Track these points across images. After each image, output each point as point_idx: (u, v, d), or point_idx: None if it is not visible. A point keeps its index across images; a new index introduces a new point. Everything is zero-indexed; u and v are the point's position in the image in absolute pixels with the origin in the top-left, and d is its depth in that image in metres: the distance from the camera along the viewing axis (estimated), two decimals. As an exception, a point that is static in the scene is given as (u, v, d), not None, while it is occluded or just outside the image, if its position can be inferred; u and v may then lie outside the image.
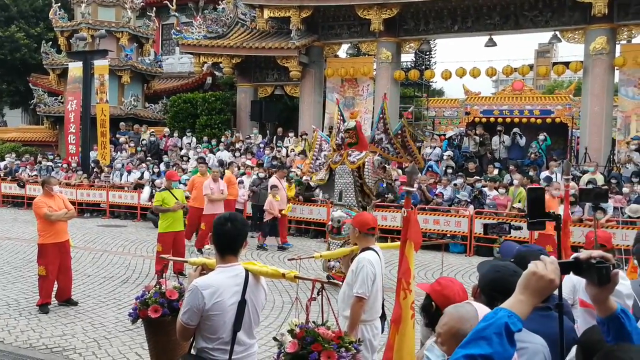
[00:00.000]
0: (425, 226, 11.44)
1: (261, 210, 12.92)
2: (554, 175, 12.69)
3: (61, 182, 15.96)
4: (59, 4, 22.97)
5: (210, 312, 2.73)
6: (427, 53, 28.86)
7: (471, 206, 12.02)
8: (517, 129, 15.73)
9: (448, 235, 11.93)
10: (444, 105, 26.82)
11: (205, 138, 18.93)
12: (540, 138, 15.21)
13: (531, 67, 22.72)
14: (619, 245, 7.68)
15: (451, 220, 11.96)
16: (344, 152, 8.29)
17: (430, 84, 28.16)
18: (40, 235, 6.99)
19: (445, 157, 14.72)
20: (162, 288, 3.85)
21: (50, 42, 23.79)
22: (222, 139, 18.26)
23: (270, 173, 13.77)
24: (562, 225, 2.30)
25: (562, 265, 1.64)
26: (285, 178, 12.53)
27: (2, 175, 19.24)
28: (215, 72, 23.10)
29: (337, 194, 8.36)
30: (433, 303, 2.60)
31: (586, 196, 4.90)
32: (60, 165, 18.73)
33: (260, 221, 12.98)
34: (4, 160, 20.55)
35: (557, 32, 16.03)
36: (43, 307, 6.83)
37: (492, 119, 18.82)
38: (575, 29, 15.58)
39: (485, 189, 12.52)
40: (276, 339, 3.11)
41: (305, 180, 13.55)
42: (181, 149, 18.40)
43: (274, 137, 18.47)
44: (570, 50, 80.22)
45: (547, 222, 2.18)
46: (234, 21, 19.83)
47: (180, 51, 23.54)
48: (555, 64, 21.34)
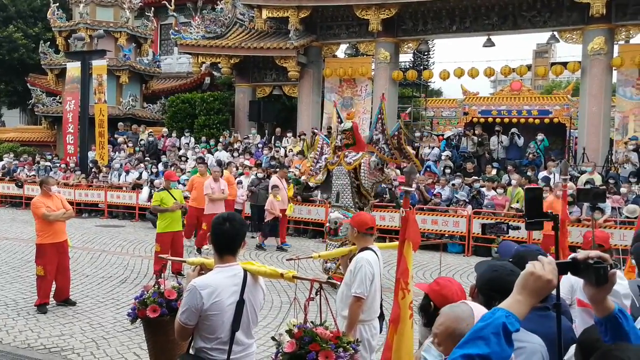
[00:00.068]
0: (423, 226, 11.43)
1: (260, 210, 12.93)
2: (552, 176, 12.71)
3: (59, 182, 15.94)
4: (57, 4, 22.92)
5: (209, 312, 2.73)
6: (426, 53, 28.97)
7: (469, 206, 12.04)
8: (515, 129, 15.73)
9: (446, 235, 11.95)
10: (442, 105, 26.81)
11: (204, 138, 18.91)
12: (538, 138, 15.24)
13: (529, 67, 22.80)
14: (616, 246, 7.70)
15: (449, 220, 11.97)
16: (341, 153, 8.30)
17: (429, 84, 28.20)
18: (39, 236, 6.99)
19: (443, 157, 14.73)
20: (161, 288, 3.86)
21: (49, 42, 23.77)
22: (221, 139, 18.24)
23: (269, 173, 13.76)
24: (559, 225, 2.31)
25: (559, 266, 1.64)
26: (285, 178, 12.54)
27: (0, 175, 19.22)
28: (213, 72, 23.07)
29: (334, 195, 8.36)
30: (431, 303, 2.60)
31: (584, 196, 4.91)
32: (58, 165, 18.70)
33: (259, 221, 12.99)
34: (2, 160, 20.50)
35: (555, 33, 16.05)
36: (41, 307, 6.83)
37: (490, 119, 18.85)
38: (573, 29, 15.60)
39: (484, 189, 12.54)
40: (274, 339, 3.11)
41: (303, 180, 13.54)
42: (179, 149, 18.39)
43: (272, 137, 18.46)
44: (569, 50, 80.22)
45: (548, 223, 2.18)
46: (232, 21, 19.82)
47: (179, 51, 23.54)
48: (553, 64, 21.41)
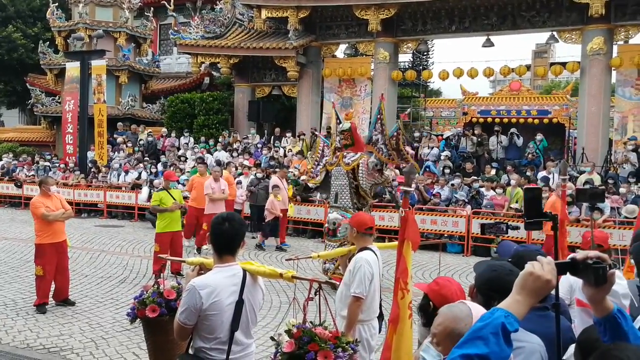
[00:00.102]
0: (422, 226, 11.44)
1: (259, 210, 12.93)
2: (551, 176, 12.72)
3: (58, 182, 15.93)
4: (57, 4, 22.89)
5: (208, 311, 2.73)
6: (425, 53, 28.96)
7: (468, 206, 12.04)
8: (514, 129, 15.73)
9: (445, 235, 11.96)
10: (442, 105, 26.82)
11: (203, 138, 18.90)
12: (537, 138, 15.25)
13: (528, 67, 22.82)
14: (615, 246, 7.70)
15: (449, 220, 11.98)
16: (339, 154, 8.30)
17: (428, 84, 28.20)
18: (38, 236, 6.98)
19: (442, 158, 14.73)
20: (160, 288, 3.86)
21: (48, 42, 23.73)
22: (220, 139, 18.22)
23: (268, 173, 13.76)
24: (558, 225, 2.31)
25: (558, 266, 1.64)
26: (285, 178, 12.55)
27: (-1, 175, 19.23)
28: (212, 72, 23.05)
29: (332, 195, 8.35)
30: (431, 303, 2.60)
31: (583, 196, 4.91)
32: (57, 165, 18.68)
33: (259, 221, 13.00)
34: (1, 160, 20.47)
35: (555, 33, 16.05)
36: (40, 307, 6.83)
37: (490, 119, 18.86)
38: (572, 29, 15.60)
39: (483, 189, 12.55)
40: (273, 339, 3.11)
41: (302, 181, 13.54)
42: (179, 149, 18.39)
43: (272, 137, 18.45)
44: (568, 50, 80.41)
45: (549, 224, 2.18)
46: (231, 21, 19.81)
47: (178, 51, 23.52)
48: (552, 64, 21.41)
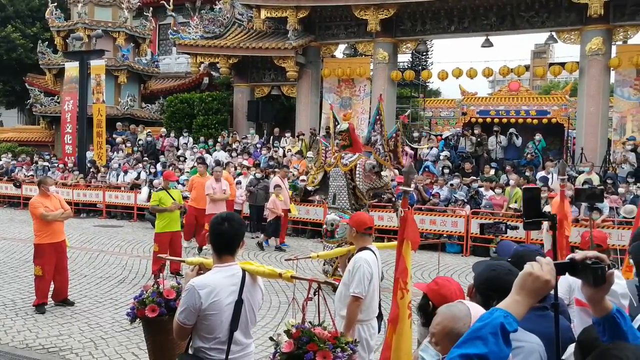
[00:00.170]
0: (422, 226, 11.45)
1: (259, 210, 12.95)
2: (550, 176, 12.73)
3: (57, 182, 15.90)
4: (56, 4, 22.87)
5: (207, 311, 2.73)
6: (424, 53, 28.98)
7: (467, 206, 12.05)
8: (513, 129, 15.74)
9: (445, 235, 11.96)
10: (441, 105, 26.83)
11: (202, 138, 18.89)
12: (536, 138, 15.26)
13: (527, 67, 22.84)
14: (614, 246, 7.72)
15: (448, 220, 11.98)
16: (337, 155, 8.29)
17: (427, 84, 28.21)
18: (37, 236, 6.97)
19: (441, 158, 14.74)
20: (160, 287, 3.86)
21: (47, 42, 23.72)
22: (219, 139, 18.21)
23: (267, 173, 13.76)
24: (557, 225, 2.31)
25: (557, 266, 1.65)
26: (286, 178, 12.56)
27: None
28: (212, 72, 23.05)
29: (330, 197, 8.34)
30: (430, 302, 2.61)
31: (582, 196, 4.92)
32: (56, 165, 18.67)
33: (258, 221, 13.02)
34: (0, 160, 20.48)
35: (554, 33, 16.06)
36: (39, 307, 6.82)
37: (489, 120, 18.91)
38: (571, 29, 15.61)
39: (482, 189, 12.56)
40: (272, 339, 3.11)
41: (301, 181, 13.52)
42: (178, 149, 18.38)
43: (271, 137, 18.45)
44: (567, 50, 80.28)
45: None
46: (231, 21, 19.81)
47: (177, 51, 23.51)
48: (551, 64, 21.42)
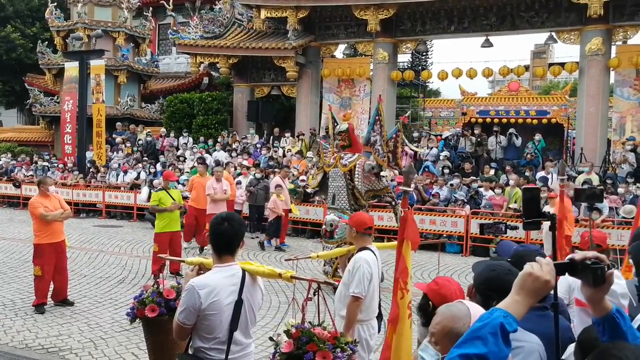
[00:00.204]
0: (421, 226, 11.46)
1: (258, 210, 12.95)
2: (549, 176, 12.73)
3: (57, 182, 15.88)
4: (55, 4, 22.88)
5: (207, 311, 2.73)
6: (424, 54, 28.96)
7: (467, 206, 12.05)
8: (513, 130, 15.74)
9: (444, 235, 11.97)
10: (441, 105, 26.86)
11: (202, 138, 18.89)
12: (536, 138, 15.26)
13: (527, 67, 22.84)
14: (614, 246, 7.73)
15: (447, 220, 11.99)
16: (337, 155, 8.29)
17: (427, 84, 28.22)
18: (36, 236, 6.97)
19: (441, 158, 14.74)
20: (160, 287, 3.86)
21: (46, 42, 23.73)
22: (219, 139, 18.21)
23: (267, 173, 13.76)
24: (557, 225, 2.31)
25: (557, 267, 1.65)
26: (287, 178, 12.56)
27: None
28: (211, 72, 23.05)
29: (330, 197, 8.33)
30: (430, 302, 2.61)
31: (582, 196, 4.91)
32: (56, 165, 18.67)
33: (258, 222, 13.03)
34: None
35: (553, 33, 16.07)
36: (39, 308, 6.82)
37: (489, 120, 18.92)
38: (571, 29, 15.62)
39: (482, 189, 12.56)
40: (272, 339, 3.11)
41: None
42: (177, 149, 18.38)
43: (271, 137, 18.45)
44: (566, 51, 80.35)
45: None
46: (230, 21, 19.81)
47: (177, 51, 23.51)
48: (551, 64, 21.43)
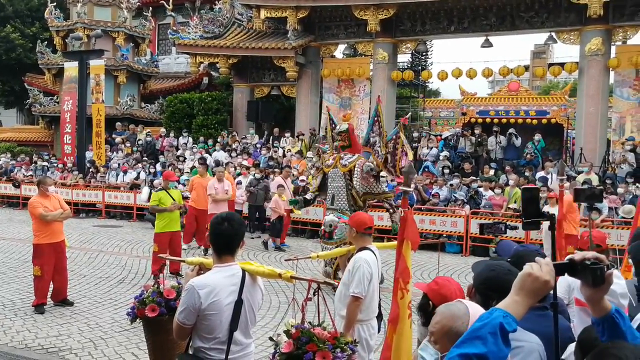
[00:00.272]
0: (421, 226, 11.47)
1: (258, 210, 12.95)
2: (549, 176, 12.74)
3: (57, 182, 15.90)
4: (55, 4, 22.87)
5: (207, 311, 2.73)
6: (424, 54, 28.96)
7: (467, 206, 12.05)
8: (512, 130, 15.74)
9: (444, 235, 11.97)
10: (440, 105, 26.86)
11: (202, 138, 18.89)
12: (535, 139, 15.27)
13: (527, 68, 22.84)
14: (613, 246, 7.74)
15: (447, 220, 11.99)
16: (336, 156, 8.29)
17: (427, 84, 28.23)
18: (36, 236, 6.97)
19: (441, 158, 14.74)
20: (160, 287, 3.86)
21: (46, 42, 23.72)
22: (219, 139, 18.20)
23: (267, 173, 13.76)
24: (556, 225, 2.31)
25: (557, 267, 1.65)
26: (289, 178, 12.56)
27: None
28: (211, 72, 23.05)
29: (329, 197, 8.33)
30: (430, 302, 2.61)
31: (581, 196, 4.91)
32: (55, 165, 18.67)
33: (258, 222, 13.03)
34: (-1, 160, 20.49)
35: (553, 33, 16.08)
36: (39, 308, 6.82)
37: (488, 120, 18.92)
38: (570, 30, 15.63)
39: (481, 189, 12.56)
40: (272, 339, 3.11)
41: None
42: (177, 149, 18.38)
43: (271, 137, 18.45)
44: (566, 51, 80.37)
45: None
46: (230, 21, 19.81)
47: (177, 51, 23.50)
48: (551, 64, 21.44)
